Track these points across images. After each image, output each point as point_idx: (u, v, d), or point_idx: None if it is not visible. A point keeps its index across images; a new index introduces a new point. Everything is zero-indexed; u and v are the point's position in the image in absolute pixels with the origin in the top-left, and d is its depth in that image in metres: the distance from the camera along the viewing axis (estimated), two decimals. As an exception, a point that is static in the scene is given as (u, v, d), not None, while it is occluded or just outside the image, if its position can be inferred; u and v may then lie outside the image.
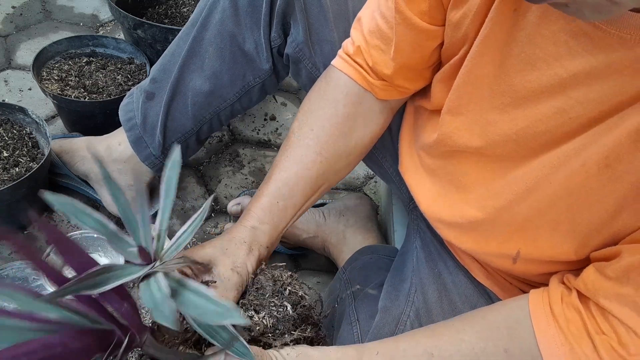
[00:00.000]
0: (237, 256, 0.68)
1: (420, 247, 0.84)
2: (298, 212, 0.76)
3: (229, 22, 0.90)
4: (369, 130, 0.79)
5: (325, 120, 0.76)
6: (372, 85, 0.76)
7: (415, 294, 0.79)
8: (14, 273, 1.06)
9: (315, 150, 0.75)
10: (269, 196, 0.74)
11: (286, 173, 0.75)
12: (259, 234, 0.72)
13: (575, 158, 0.55)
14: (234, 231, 0.71)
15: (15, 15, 1.62)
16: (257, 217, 0.72)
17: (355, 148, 0.79)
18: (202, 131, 1.02)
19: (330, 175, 0.78)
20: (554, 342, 0.56)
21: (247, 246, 0.69)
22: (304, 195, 0.75)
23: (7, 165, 1.07)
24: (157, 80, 0.99)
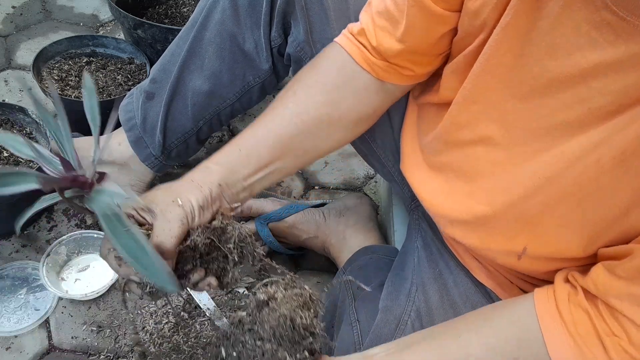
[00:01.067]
0: (179, 192, 0.63)
1: (422, 246, 0.84)
2: (264, 169, 0.71)
3: (228, 22, 0.90)
4: (359, 108, 0.75)
5: (311, 87, 0.74)
6: (372, 65, 0.73)
7: (417, 293, 0.78)
8: (14, 273, 1.06)
9: (293, 111, 0.72)
10: (232, 145, 0.71)
11: (256, 128, 0.73)
12: (210, 172, 0.68)
13: (592, 151, 0.54)
14: (185, 175, 0.68)
15: (15, 15, 1.62)
16: (213, 160, 0.70)
17: (340, 121, 0.75)
18: (202, 131, 1.02)
19: (307, 142, 0.74)
20: (562, 347, 0.55)
21: (194, 183, 0.65)
22: (272, 151, 0.71)
23: (7, 165, 1.07)
24: (157, 80, 0.99)
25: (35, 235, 1.13)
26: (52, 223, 1.15)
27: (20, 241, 1.12)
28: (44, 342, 0.99)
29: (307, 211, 1.13)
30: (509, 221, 0.64)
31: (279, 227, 1.11)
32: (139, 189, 1.11)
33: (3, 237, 1.12)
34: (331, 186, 1.34)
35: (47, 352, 0.98)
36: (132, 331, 1.00)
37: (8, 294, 1.03)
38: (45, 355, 0.97)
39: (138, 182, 1.10)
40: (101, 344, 0.98)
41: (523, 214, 0.62)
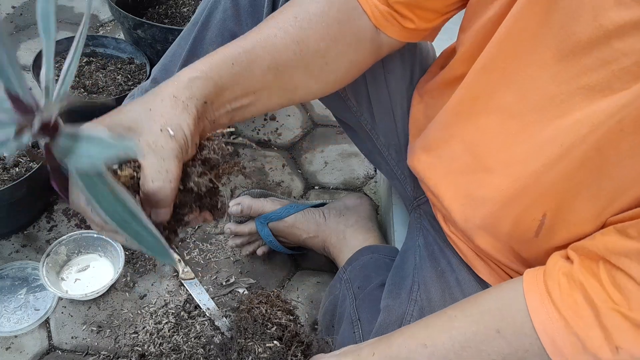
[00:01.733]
0: (166, 115, 0.52)
1: (423, 245, 0.84)
2: (251, 94, 0.63)
3: (230, 22, 0.90)
4: (352, 52, 0.70)
5: (313, 14, 0.66)
6: (373, 9, 0.68)
7: (418, 292, 0.78)
8: (14, 273, 1.06)
9: (294, 37, 0.65)
10: (223, 55, 0.61)
11: (251, 43, 0.63)
12: (197, 85, 0.56)
13: (614, 115, 0.53)
14: (162, 86, 0.56)
15: (15, 15, 1.62)
16: (200, 69, 0.58)
17: (335, 61, 0.69)
18: (203, 131, 1.02)
19: (301, 76, 0.67)
20: (547, 318, 0.55)
21: (179, 102, 0.54)
22: (265, 76, 0.63)
23: (7, 165, 1.07)
24: (158, 80, 0.99)
25: (35, 235, 1.13)
26: (52, 223, 1.15)
27: (20, 241, 1.12)
28: (44, 342, 0.99)
29: (307, 211, 1.13)
30: (528, 190, 0.63)
31: (279, 226, 1.11)
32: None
33: (3, 237, 1.12)
34: (331, 186, 1.34)
35: (47, 352, 0.98)
36: (132, 331, 1.00)
37: (8, 294, 1.03)
38: (45, 355, 0.97)
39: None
40: (101, 344, 0.98)
41: (543, 183, 0.61)
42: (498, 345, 0.58)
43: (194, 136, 0.54)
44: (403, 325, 0.76)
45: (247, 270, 1.13)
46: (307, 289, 1.12)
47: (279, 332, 0.65)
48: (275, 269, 1.15)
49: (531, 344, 0.56)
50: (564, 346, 0.54)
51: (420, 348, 0.61)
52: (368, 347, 0.66)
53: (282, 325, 0.65)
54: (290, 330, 0.65)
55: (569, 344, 0.54)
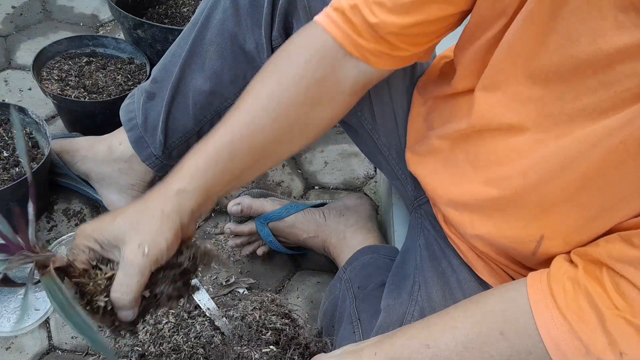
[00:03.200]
0: (147, 232, 0.59)
1: (424, 245, 0.84)
2: (233, 181, 0.68)
3: (229, 22, 0.90)
4: (333, 106, 0.71)
5: (290, 83, 0.68)
6: (361, 49, 0.67)
7: (419, 292, 0.78)
8: (14, 273, 1.06)
9: (270, 116, 0.67)
10: (207, 157, 0.66)
11: (232, 135, 0.67)
12: (185, 198, 0.63)
13: (616, 134, 0.53)
14: (153, 196, 0.63)
15: (15, 15, 1.62)
16: (189, 177, 0.64)
17: (315, 120, 0.71)
18: (203, 131, 1.02)
19: (282, 147, 0.71)
20: (551, 322, 0.55)
21: (164, 216, 0.60)
22: (246, 161, 0.68)
23: (7, 165, 1.07)
24: (158, 80, 0.99)
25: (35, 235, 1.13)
26: (52, 223, 1.15)
27: (20, 241, 1.12)
28: (44, 342, 0.99)
29: (307, 211, 1.13)
30: (526, 206, 0.63)
31: (279, 226, 1.11)
32: (139, 189, 1.11)
33: (3, 237, 1.12)
34: (331, 186, 1.34)
35: (47, 352, 0.98)
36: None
37: (8, 294, 1.03)
38: (45, 355, 0.97)
39: (139, 182, 1.10)
40: (101, 343, 0.98)
41: (541, 198, 0.61)
42: (501, 346, 0.58)
43: (172, 246, 0.61)
44: (403, 325, 0.76)
45: (247, 270, 1.13)
46: (307, 289, 1.12)
47: (274, 336, 0.65)
48: (275, 269, 1.15)
49: (534, 347, 0.56)
50: (568, 350, 0.54)
51: (423, 348, 0.61)
52: (369, 347, 0.66)
53: (277, 329, 0.66)
54: (287, 333, 0.66)
55: (573, 348, 0.54)
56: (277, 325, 0.66)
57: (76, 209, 1.18)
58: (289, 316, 0.69)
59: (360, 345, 0.68)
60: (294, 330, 0.68)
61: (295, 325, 0.70)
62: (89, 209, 1.19)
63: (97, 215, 1.18)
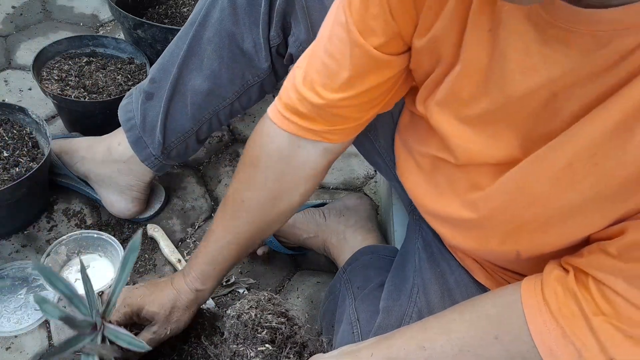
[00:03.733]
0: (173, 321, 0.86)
1: (422, 247, 0.84)
2: (234, 266, 0.88)
3: (227, 21, 0.90)
4: (303, 190, 0.81)
5: (257, 192, 0.80)
6: (319, 133, 0.73)
7: (418, 294, 0.78)
8: (14, 273, 1.06)
9: (247, 220, 0.82)
10: (207, 264, 0.86)
11: (222, 241, 0.84)
12: (202, 295, 0.87)
13: (560, 154, 0.54)
14: (179, 291, 0.86)
15: (15, 15, 1.62)
16: (200, 281, 0.86)
17: (285, 210, 0.83)
18: (202, 131, 1.02)
19: (264, 232, 0.86)
20: (545, 327, 0.55)
21: (186, 309, 0.87)
22: (237, 257, 0.86)
23: (7, 165, 1.07)
24: (156, 80, 0.99)
25: (35, 235, 1.13)
26: (52, 223, 1.15)
27: (20, 241, 1.12)
28: (44, 342, 0.99)
29: (307, 211, 1.12)
30: (498, 225, 0.64)
31: (279, 226, 1.11)
32: (138, 189, 1.11)
33: (3, 237, 1.12)
34: (331, 186, 1.33)
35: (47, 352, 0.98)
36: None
37: (8, 294, 1.03)
38: (45, 355, 0.97)
39: (138, 182, 1.10)
40: (101, 344, 0.98)
41: (509, 219, 0.62)
42: (495, 350, 0.58)
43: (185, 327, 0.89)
44: (402, 327, 0.76)
45: (247, 270, 1.13)
46: (307, 289, 1.12)
47: (270, 335, 0.66)
48: (275, 269, 1.15)
49: (528, 351, 0.56)
50: (561, 355, 0.55)
51: (419, 350, 0.62)
52: (367, 348, 0.66)
53: (273, 328, 0.67)
54: (283, 332, 0.66)
55: (567, 354, 0.54)
56: (272, 324, 0.67)
57: (76, 209, 1.18)
58: (285, 315, 0.70)
59: (359, 345, 0.68)
60: (290, 329, 0.69)
61: (292, 324, 0.71)
62: (88, 209, 1.19)
63: (96, 215, 1.18)
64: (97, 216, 1.18)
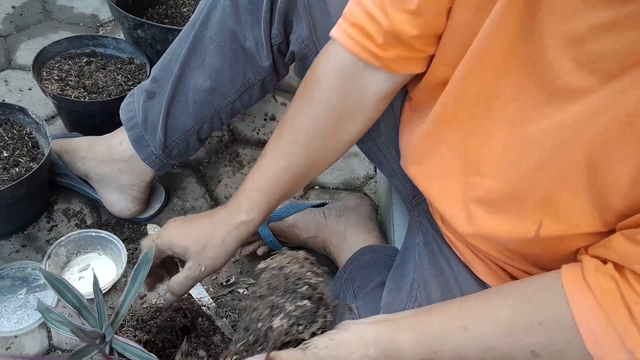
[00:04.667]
0: (208, 257, 0.79)
1: (423, 244, 0.84)
2: (282, 200, 0.81)
3: (229, 20, 0.90)
4: (362, 117, 0.76)
5: (318, 112, 0.75)
6: (382, 59, 0.70)
7: (418, 290, 0.78)
8: (14, 273, 1.06)
9: (305, 144, 0.77)
10: (258, 190, 0.78)
11: (275, 167, 0.78)
12: (246, 229, 0.79)
13: (598, 117, 0.54)
14: (219, 223, 0.79)
15: (15, 15, 1.62)
16: (246, 210, 0.78)
17: (346, 133, 0.78)
18: (203, 130, 1.02)
19: (318, 166, 0.81)
20: (589, 312, 0.55)
21: (225, 244, 0.78)
22: (290, 186, 0.80)
23: (7, 165, 1.07)
24: (158, 79, 0.99)
25: (35, 235, 1.13)
26: (52, 223, 1.15)
27: (20, 241, 1.12)
28: (44, 342, 0.98)
29: (308, 211, 1.13)
30: (523, 195, 0.63)
31: (280, 226, 1.11)
32: (139, 189, 1.11)
33: (3, 237, 1.12)
34: (331, 186, 1.34)
35: (47, 352, 0.97)
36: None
37: (8, 294, 1.03)
38: (45, 355, 0.97)
39: (138, 182, 1.10)
40: (101, 343, 0.98)
41: (536, 186, 0.61)
42: (538, 336, 0.58)
43: (223, 264, 0.81)
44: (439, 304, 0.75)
45: (247, 270, 1.13)
46: (308, 288, 1.12)
47: (309, 291, 0.63)
48: (275, 269, 1.14)
49: (571, 337, 0.56)
50: (604, 340, 0.54)
51: (461, 330, 0.61)
52: (405, 320, 0.64)
53: (311, 285, 0.64)
54: (320, 291, 0.64)
55: (610, 338, 0.54)
56: (311, 281, 0.64)
57: (76, 209, 1.18)
58: (321, 275, 0.67)
59: (394, 316, 0.66)
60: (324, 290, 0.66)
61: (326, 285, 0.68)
62: (88, 209, 1.19)
63: (97, 215, 1.18)
64: (97, 216, 1.18)
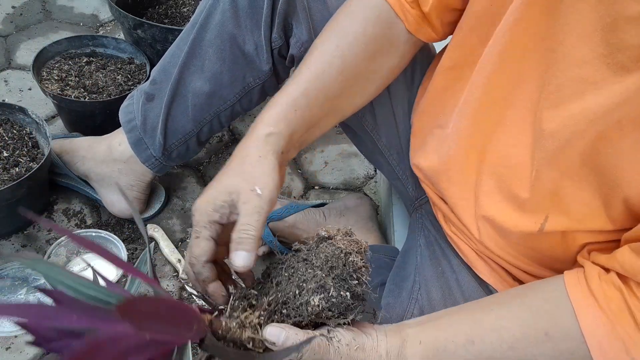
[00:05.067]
0: (254, 177, 0.63)
1: (424, 245, 0.84)
2: (311, 128, 0.74)
3: (229, 23, 0.90)
4: (392, 58, 0.77)
5: (351, 37, 0.73)
6: (405, 13, 0.73)
7: (419, 291, 0.78)
8: (14, 273, 1.06)
9: (338, 68, 0.73)
10: (285, 104, 0.70)
11: (306, 85, 0.72)
12: (274, 140, 0.67)
13: (613, 111, 0.53)
14: (246, 145, 0.67)
15: (15, 15, 1.62)
16: (272, 123, 0.69)
17: (375, 74, 0.77)
18: (203, 132, 1.02)
19: (349, 100, 0.77)
20: (594, 322, 0.55)
21: (263, 159, 0.65)
22: (321, 110, 0.73)
23: (7, 165, 1.07)
24: (157, 81, 0.99)
25: (35, 235, 1.13)
26: (52, 222, 1.15)
27: (20, 241, 1.12)
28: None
29: (308, 211, 1.13)
30: (531, 186, 0.63)
31: (280, 226, 1.11)
32: (139, 189, 1.11)
33: (3, 237, 1.12)
34: (331, 186, 1.34)
35: (47, 352, 0.97)
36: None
37: (8, 294, 1.03)
38: (45, 355, 0.97)
39: (138, 182, 1.10)
40: (101, 344, 0.98)
41: (543, 178, 0.61)
42: (545, 347, 0.58)
43: (279, 183, 0.65)
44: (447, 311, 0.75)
45: (247, 270, 1.13)
46: (307, 289, 1.12)
47: (357, 287, 0.58)
48: (275, 269, 1.15)
49: (577, 347, 0.56)
50: (610, 351, 0.54)
51: (468, 344, 0.60)
52: (413, 333, 0.63)
53: (360, 282, 0.59)
54: (364, 291, 0.60)
55: (615, 349, 0.54)
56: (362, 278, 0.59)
57: (76, 209, 1.18)
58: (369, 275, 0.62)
59: (405, 326, 0.65)
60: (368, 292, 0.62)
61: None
62: (88, 209, 1.19)
63: (96, 215, 1.18)
64: (97, 216, 1.18)
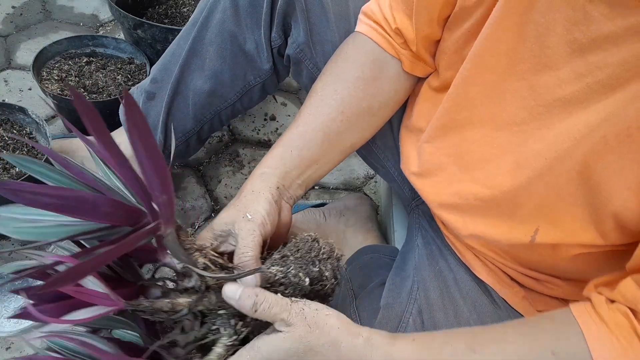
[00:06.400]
0: (246, 206, 0.67)
1: (422, 245, 0.84)
2: (316, 164, 0.75)
3: (229, 22, 0.90)
4: (394, 95, 0.80)
5: (349, 82, 0.76)
6: (399, 54, 0.77)
7: (418, 291, 0.79)
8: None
9: (337, 109, 0.75)
10: (282, 147, 0.74)
11: (303, 127, 0.75)
12: (268, 177, 0.71)
13: (597, 128, 0.54)
14: (244, 185, 0.72)
15: (15, 15, 1.62)
16: (267, 165, 0.72)
17: (379, 110, 0.79)
18: (203, 131, 1.02)
19: (352, 135, 0.78)
20: (605, 347, 0.54)
21: (255, 193, 0.69)
22: (321, 149, 0.75)
23: (7, 165, 1.07)
24: (158, 80, 0.99)
25: (35, 235, 1.13)
26: (52, 223, 1.15)
27: (21, 241, 1.12)
28: (44, 342, 0.98)
29: (308, 211, 1.13)
30: (519, 203, 0.63)
31: (279, 226, 1.11)
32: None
33: (3, 237, 1.12)
34: (331, 186, 1.34)
35: (47, 352, 0.98)
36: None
37: (8, 294, 1.03)
38: (46, 355, 0.97)
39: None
40: (101, 343, 0.98)
41: (532, 195, 0.62)
42: None
43: (270, 213, 0.67)
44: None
45: (247, 270, 1.13)
46: (307, 288, 1.12)
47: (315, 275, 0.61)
48: (275, 269, 1.14)
49: None
50: None
51: (469, 352, 0.59)
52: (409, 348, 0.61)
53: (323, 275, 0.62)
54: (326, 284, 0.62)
55: None
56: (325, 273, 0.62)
57: (76, 209, 1.18)
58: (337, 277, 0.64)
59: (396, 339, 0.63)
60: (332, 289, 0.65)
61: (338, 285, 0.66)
62: (89, 209, 1.19)
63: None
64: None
